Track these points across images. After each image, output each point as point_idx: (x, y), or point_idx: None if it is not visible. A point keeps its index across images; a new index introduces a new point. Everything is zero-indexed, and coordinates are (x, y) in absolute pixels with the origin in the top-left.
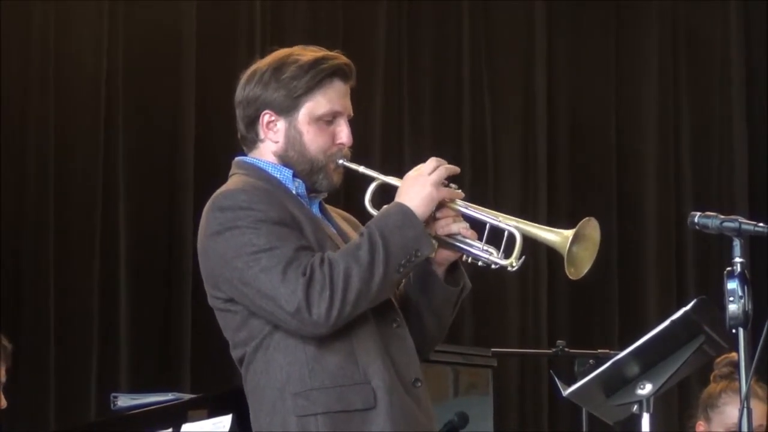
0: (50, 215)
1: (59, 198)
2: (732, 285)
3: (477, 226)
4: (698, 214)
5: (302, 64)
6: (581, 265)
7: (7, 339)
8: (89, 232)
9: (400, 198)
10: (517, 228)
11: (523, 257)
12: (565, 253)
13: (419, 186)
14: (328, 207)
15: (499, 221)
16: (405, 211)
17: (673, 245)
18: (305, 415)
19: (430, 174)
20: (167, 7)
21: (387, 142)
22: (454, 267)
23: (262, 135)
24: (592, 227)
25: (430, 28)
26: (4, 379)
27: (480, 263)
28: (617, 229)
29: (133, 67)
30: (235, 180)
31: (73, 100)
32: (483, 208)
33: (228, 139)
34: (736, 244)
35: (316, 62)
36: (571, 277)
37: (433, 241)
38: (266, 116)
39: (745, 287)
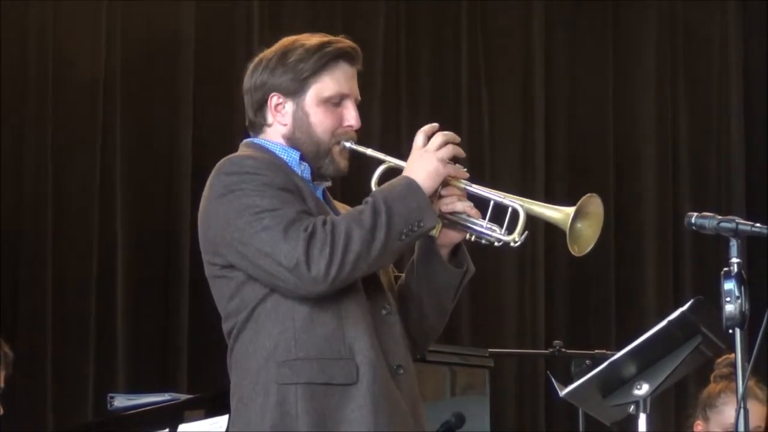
0: (48, 215)
1: (57, 198)
2: (729, 285)
3: (480, 206)
4: (695, 214)
5: (308, 48)
6: (585, 242)
7: (7, 346)
8: (87, 232)
9: (407, 172)
10: (521, 205)
11: (526, 233)
12: (567, 229)
13: (425, 161)
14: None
15: (503, 199)
16: (410, 183)
17: (671, 245)
18: (286, 383)
19: (437, 150)
20: (165, 6)
21: (385, 141)
22: (457, 249)
23: (270, 119)
24: (594, 203)
25: (428, 28)
26: (2, 385)
27: (483, 241)
28: (615, 229)
29: (131, 67)
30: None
31: (70, 100)
32: (487, 188)
33: (225, 139)
34: (733, 244)
35: (323, 45)
36: (574, 254)
37: (438, 218)
38: (274, 99)
39: (742, 287)
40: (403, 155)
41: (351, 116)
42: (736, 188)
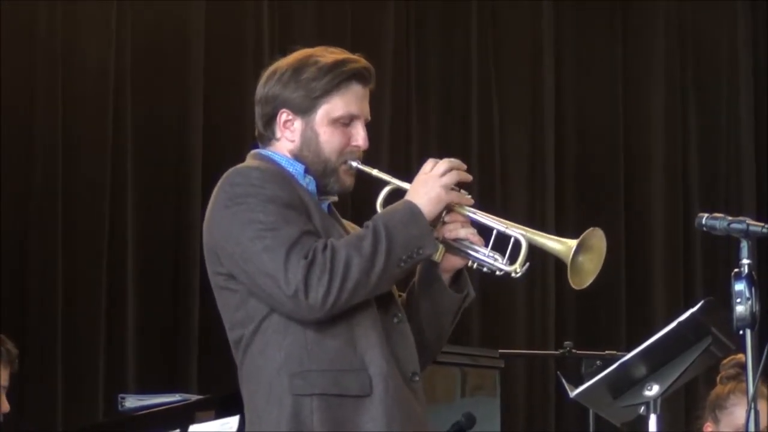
0: (58, 216)
1: (67, 198)
2: (739, 286)
3: (483, 233)
4: (706, 215)
5: (322, 66)
6: (585, 275)
7: (12, 343)
8: (97, 233)
9: (409, 196)
10: (523, 235)
11: (528, 264)
12: (568, 262)
13: (429, 186)
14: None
15: (506, 228)
16: (412, 209)
17: (681, 246)
18: (301, 394)
19: (441, 176)
20: (175, 6)
21: (395, 144)
22: (459, 274)
23: (278, 134)
24: (597, 237)
25: (438, 28)
26: (6, 383)
27: (485, 269)
28: (625, 230)
29: (141, 66)
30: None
31: (80, 99)
32: (491, 216)
33: (236, 139)
34: (744, 245)
35: (336, 65)
36: (574, 287)
37: (440, 245)
38: (283, 115)
39: (753, 288)
40: (413, 158)
41: (359, 136)
42: (745, 189)
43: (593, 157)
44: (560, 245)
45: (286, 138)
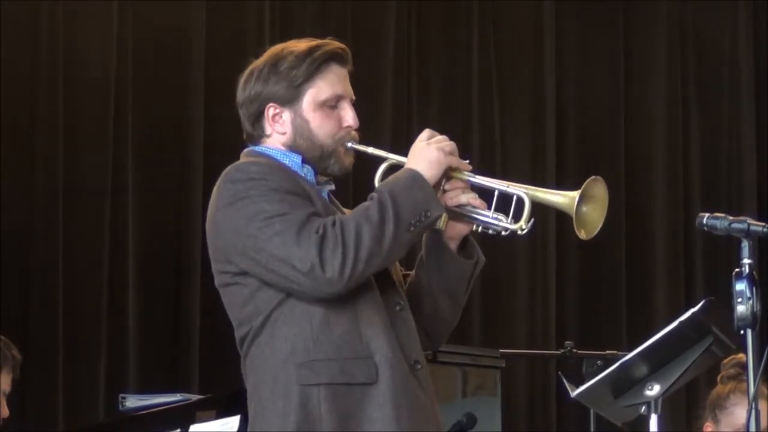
0: (59, 216)
1: (68, 198)
2: (740, 286)
3: (485, 197)
4: (707, 215)
5: (298, 54)
6: (592, 225)
7: (17, 349)
8: (98, 233)
9: (409, 164)
10: (525, 193)
11: (533, 220)
12: (573, 214)
13: (427, 151)
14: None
15: (507, 187)
16: (414, 175)
17: (682, 246)
18: (308, 384)
19: (438, 141)
20: (176, 7)
21: (395, 144)
22: (465, 241)
23: (268, 129)
24: (598, 186)
25: (439, 27)
26: (8, 388)
27: (490, 231)
28: (626, 230)
29: (142, 68)
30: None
31: (81, 101)
32: (490, 178)
33: (237, 140)
34: (745, 245)
35: (312, 50)
36: (582, 238)
37: (444, 207)
38: (271, 109)
39: (754, 288)
40: None
41: (349, 116)
42: (746, 188)
43: (594, 157)
44: (563, 198)
45: (277, 131)
